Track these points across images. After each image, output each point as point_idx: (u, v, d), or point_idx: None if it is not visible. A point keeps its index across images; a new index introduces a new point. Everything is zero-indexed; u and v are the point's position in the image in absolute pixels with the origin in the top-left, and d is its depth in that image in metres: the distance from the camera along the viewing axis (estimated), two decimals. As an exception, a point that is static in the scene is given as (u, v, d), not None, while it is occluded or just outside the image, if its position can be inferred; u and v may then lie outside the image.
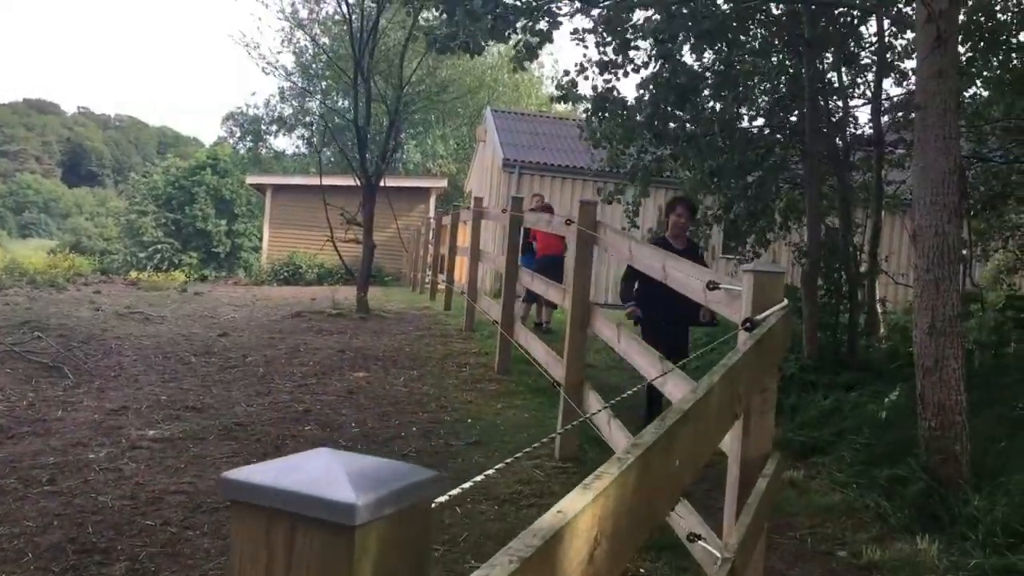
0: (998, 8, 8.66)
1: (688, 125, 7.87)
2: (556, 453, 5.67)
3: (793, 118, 8.77)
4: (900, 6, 8.20)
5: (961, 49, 8.12)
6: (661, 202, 16.64)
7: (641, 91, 7.41)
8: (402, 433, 6.01)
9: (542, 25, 7.04)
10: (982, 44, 8.87)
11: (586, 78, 7.58)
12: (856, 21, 8.04)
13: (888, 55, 8.52)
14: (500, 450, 5.81)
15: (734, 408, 2.00)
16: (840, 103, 8.51)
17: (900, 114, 9.07)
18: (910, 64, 8.95)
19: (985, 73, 9.54)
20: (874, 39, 8.42)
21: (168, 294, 14.02)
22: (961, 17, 7.39)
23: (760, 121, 8.68)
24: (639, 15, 7.09)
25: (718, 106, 7.96)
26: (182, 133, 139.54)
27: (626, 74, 7.40)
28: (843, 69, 8.44)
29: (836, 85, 8.44)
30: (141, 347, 8.11)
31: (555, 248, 10.40)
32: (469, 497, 4.94)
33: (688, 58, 7.50)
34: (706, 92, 7.65)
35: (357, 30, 11.15)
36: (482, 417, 6.63)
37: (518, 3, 7.17)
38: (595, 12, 7.12)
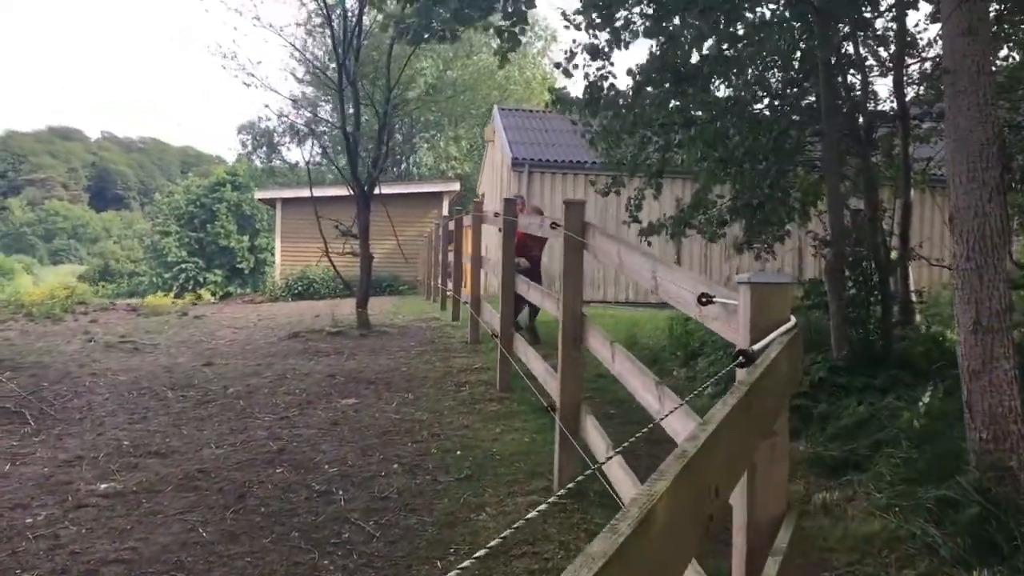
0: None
1: (691, 110, 7.18)
2: (555, 487, 5.04)
3: (811, 99, 8.04)
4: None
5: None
6: (679, 193, 15.86)
7: (637, 76, 6.73)
8: (384, 471, 5.39)
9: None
10: (1009, 3, 8.11)
11: (576, 66, 6.91)
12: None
13: (908, 19, 7.78)
14: (493, 484, 5.20)
15: (706, 510, 1.36)
16: (858, 77, 7.78)
17: (925, 86, 8.33)
18: (935, 29, 8.21)
19: (1014, 36, 8.78)
20: (892, 2, 7.69)
21: (167, 319, 13.53)
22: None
23: (769, 101, 7.94)
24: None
25: (723, 89, 7.28)
26: (204, 152, 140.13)
27: (618, 48, 6.65)
28: (859, 39, 7.70)
29: (853, 57, 7.70)
30: (116, 383, 7.57)
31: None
32: (452, 548, 4.34)
33: (687, 37, 6.79)
34: (707, 72, 6.92)
35: (340, 30, 10.57)
36: (478, 445, 6.01)
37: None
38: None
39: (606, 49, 6.62)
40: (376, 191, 11.43)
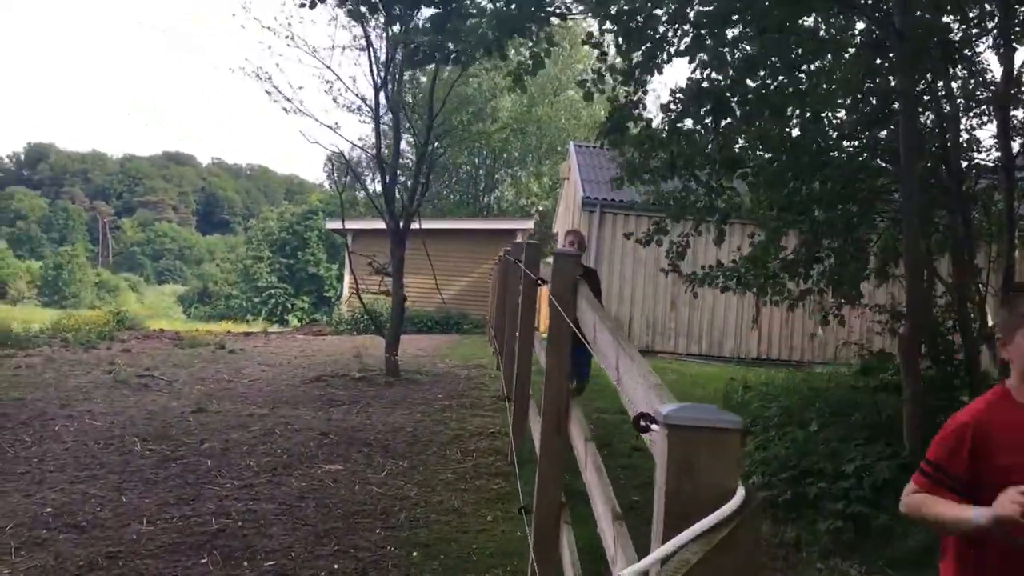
0: None
1: (742, 147, 6.13)
2: (524, 611, 4.03)
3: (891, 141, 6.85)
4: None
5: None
6: (739, 241, 14.57)
7: (674, 104, 5.72)
8: (329, 570, 4.46)
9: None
10: None
11: (602, 90, 5.99)
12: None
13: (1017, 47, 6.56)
14: (455, 600, 4.21)
15: None
16: (948, 112, 6.57)
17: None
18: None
19: None
20: (995, 29, 6.48)
21: (201, 352, 13.01)
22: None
23: (837, 140, 6.78)
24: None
25: (778, 124, 6.17)
26: (307, 180, 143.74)
27: (651, 73, 5.70)
28: (952, 72, 6.52)
29: (942, 94, 6.51)
30: (87, 430, 6.89)
31: None
32: None
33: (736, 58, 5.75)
34: (761, 103, 5.83)
35: (381, 52, 9.90)
36: (458, 538, 5.03)
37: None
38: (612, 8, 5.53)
39: (638, 72, 5.67)
40: (416, 225, 10.67)
